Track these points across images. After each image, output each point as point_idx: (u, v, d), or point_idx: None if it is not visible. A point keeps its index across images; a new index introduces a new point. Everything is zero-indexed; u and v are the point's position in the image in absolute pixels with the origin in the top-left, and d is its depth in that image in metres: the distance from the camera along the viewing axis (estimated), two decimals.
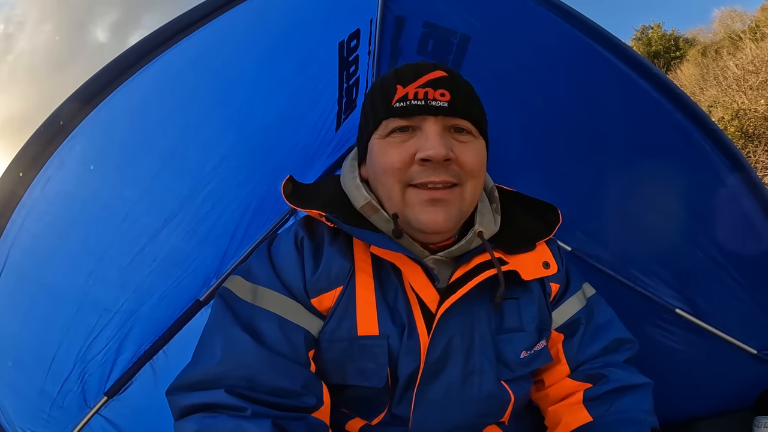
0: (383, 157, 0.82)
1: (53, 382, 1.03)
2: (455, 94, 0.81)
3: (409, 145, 0.80)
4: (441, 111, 0.79)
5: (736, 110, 8.09)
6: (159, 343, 1.27)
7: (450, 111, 0.80)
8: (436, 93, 0.79)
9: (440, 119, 0.80)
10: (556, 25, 1.06)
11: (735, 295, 1.25)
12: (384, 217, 0.84)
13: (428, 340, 0.83)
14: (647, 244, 1.37)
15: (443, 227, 0.81)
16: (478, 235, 0.87)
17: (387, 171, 0.82)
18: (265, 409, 0.73)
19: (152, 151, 0.97)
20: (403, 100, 0.80)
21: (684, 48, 18.14)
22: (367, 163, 0.89)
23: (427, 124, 0.80)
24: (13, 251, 0.82)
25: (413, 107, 0.79)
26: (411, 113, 0.80)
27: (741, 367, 1.31)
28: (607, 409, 0.89)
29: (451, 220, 0.81)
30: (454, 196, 0.81)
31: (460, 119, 0.82)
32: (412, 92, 0.80)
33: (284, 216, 1.58)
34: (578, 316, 0.99)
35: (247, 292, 0.84)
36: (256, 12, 0.96)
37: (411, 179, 0.80)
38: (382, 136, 0.83)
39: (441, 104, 0.79)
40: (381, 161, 0.83)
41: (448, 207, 0.80)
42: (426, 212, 0.80)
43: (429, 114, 0.79)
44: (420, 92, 0.80)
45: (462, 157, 0.80)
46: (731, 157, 1.07)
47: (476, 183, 0.84)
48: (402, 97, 0.80)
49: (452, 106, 0.80)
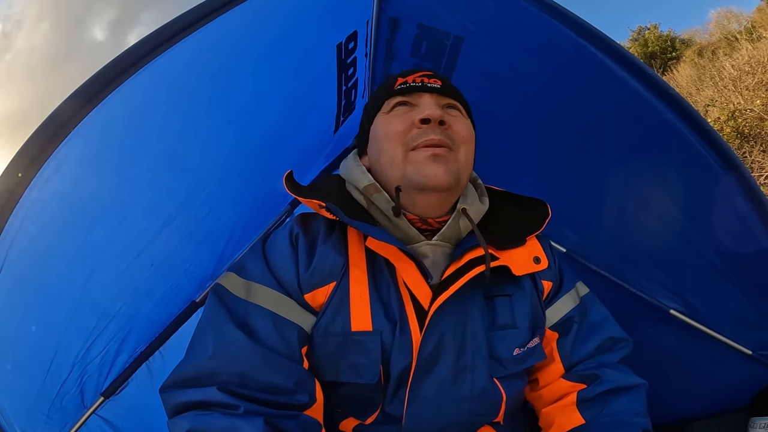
0: (387, 126, 0.92)
1: (52, 384, 1.03)
2: (445, 82, 0.96)
3: (410, 115, 0.90)
4: (435, 90, 0.93)
5: (732, 111, 8.11)
6: (155, 344, 1.27)
7: (442, 91, 0.94)
8: (431, 80, 0.95)
9: (434, 96, 0.93)
10: (549, 26, 1.06)
11: (729, 296, 1.25)
12: (385, 196, 0.89)
13: (420, 337, 0.84)
14: (641, 245, 1.37)
15: (444, 180, 0.85)
16: (463, 213, 0.91)
17: (390, 136, 0.90)
18: (257, 407, 0.73)
19: (150, 153, 0.96)
20: (404, 84, 0.94)
21: (680, 49, 18.18)
22: (370, 143, 0.97)
23: (424, 98, 0.93)
24: (11, 252, 0.81)
25: (412, 87, 0.93)
26: (410, 91, 0.93)
27: (736, 368, 1.31)
28: (600, 411, 0.90)
29: (451, 174, 0.86)
30: (452, 156, 0.88)
31: (451, 99, 0.95)
32: (411, 79, 0.95)
33: (281, 217, 1.59)
34: (572, 314, 1.00)
35: (240, 289, 0.85)
36: (254, 14, 0.96)
37: (412, 141, 0.88)
38: (385, 112, 0.94)
39: (435, 86, 0.94)
40: (384, 130, 0.92)
41: (447, 163, 0.86)
42: (429, 166, 0.85)
43: (425, 92, 0.93)
44: (418, 79, 0.94)
45: (454, 126, 0.90)
46: (725, 158, 1.07)
47: (468, 150, 0.92)
48: (402, 82, 0.95)
49: (444, 89, 0.95)
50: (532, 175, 1.47)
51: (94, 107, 0.79)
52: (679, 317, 1.36)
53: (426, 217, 0.91)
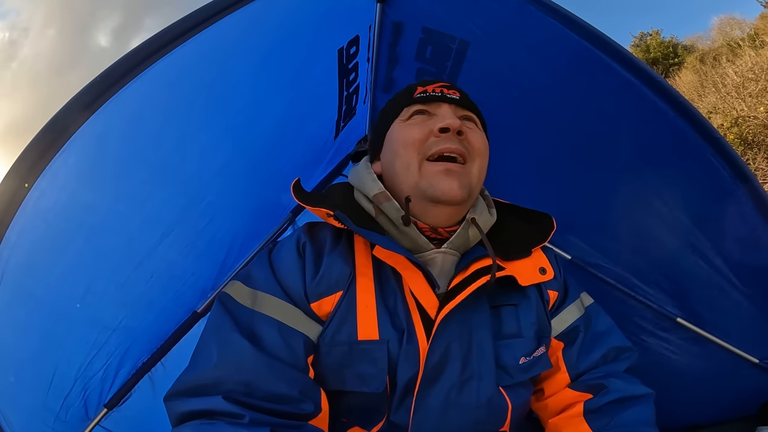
0: (404, 133, 0.92)
1: (55, 398, 1.02)
2: (463, 95, 0.97)
3: (428, 124, 0.90)
4: (454, 101, 0.94)
5: (735, 117, 8.11)
6: (157, 356, 1.26)
7: (461, 103, 0.95)
8: (450, 91, 0.95)
9: (453, 107, 0.94)
10: (556, 30, 1.06)
11: (736, 305, 1.24)
12: (395, 205, 0.89)
13: (427, 346, 0.83)
14: (648, 253, 1.36)
15: (458, 194, 0.86)
16: (472, 222, 0.91)
17: (408, 144, 0.90)
18: (263, 417, 0.72)
19: (147, 162, 0.95)
20: (423, 93, 0.95)
21: (682, 55, 18.21)
22: (384, 150, 0.97)
23: (443, 108, 0.93)
24: (9, 264, 0.81)
25: (432, 96, 0.94)
26: (430, 100, 0.94)
27: (743, 377, 1.29)
28: (608, 422, 0.88)
29: (464, 189, 0.86)
30: (465, 171, 0.88)
31: (468, 111, 0.96)
32: (431, 89, 0.95)
33: (282, 225, 1.58)
34: (577, 323, 0.99)
35: (246, 297, 0.84)
36: (252, 18, 0.95)
37: (428, 150, 0.88)
38: (403, 120, 0.94)
39: (453, 97, 0.94)
40: (402, 137, 0.92)
41: (461, 177, 0.87)
42: (442, 181, 0.86)
43: (444, 102, 0.94)
44: (437, 89, 0.95)
45: (470, 137, 0.91)
46: (733, 166, 1.07)
47: (481, 164, 0.92)
48: (422, 91, 0.95)
49: (462, 101, 0.95)
50: (538, 181, 1.46)
51: (88, 117, 0.78)
52: (685, 325, 1.34)
53: (437, 227, 0.90)
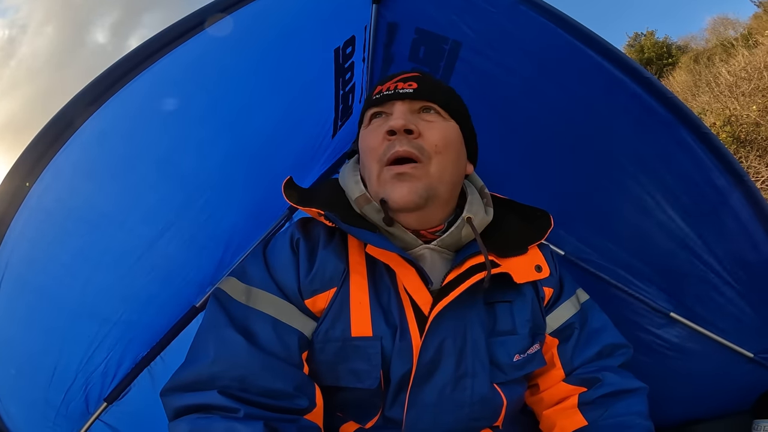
0: (365, 141, 0.91)
1: (56, 392, 1.03)
2: (422, 84, 0.90)
3: (382, 127, 0.88)
4: (407, 96, 0.89)
5: (727, 116, 8.16)
6: (156, 350, 1.27)
7: (415, 95, 0.89)
8: (405, 84, 0.90)
9: (407, 102, 0.89)
10: (548, 30, 1.07)
11: (730, 300, 1.25)
12: (375, 207, 0.88)
13: (420, 342, 0.83)
14: (640, 250, 1.37)
15: (408, 200, 0.83)
16: (468, 222, 0.90)
17: (367, 152, 0.89)
18: (257, 411, 0.73)
19: (147, 159, 0.96)
20: (379, 94, 0.91)
21: (676, 55, 18.29)
22: None
23: (396, 106, 0.89)
24: (12, 259, 0.82)
25: (384, 96, 0.90)
26: (382, 101, 0.90)
27: (738, 371, 1.30)
28: (602, 413, 0.89)
29: (416, 192, 0.83)
30: (419, 171, 0.84)
31: (427, 101, 0.90)
32: (386, 87, 0.91)
33: (279, 221, 1.59)
34: (572, 320, 1.00)
35: (241, 293, 0.85)
36: (252, 19, 0.96)
37: (383, 156, 0.86)
38: (365, 126, 0.94)
39: (407, 91, 0.89)
40: (364, 145, 0.91)
41: (412, 181, 0.83)
42: (395, 188, 0.84)
43: (396, 99, 0.89)
44: (392, 86, 0.90)
45: (426, 133, 0.86)
46: (725, 163, 1.07)
47: (443, 159, 0.87)
48: (378, 91, 0.92)
49: (417, 92, 0.89)
50: (530, 179, 1.47)
51: (91, 114, 0.79)
52: (679, 320, 1.36)
53: (417, 229, 0.90)
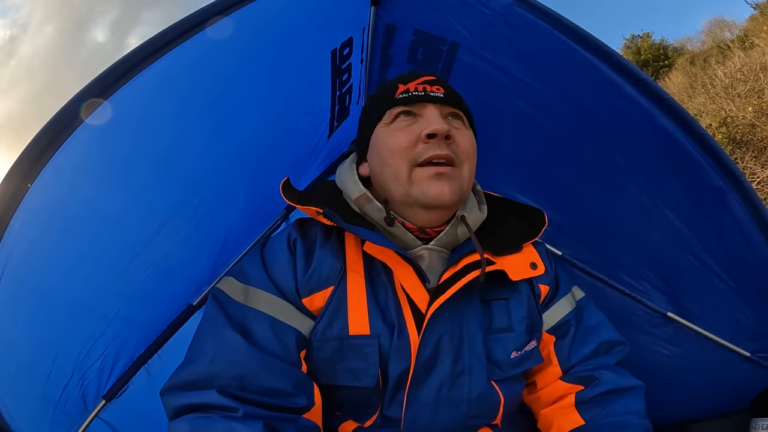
0: (391, 139, 0.89)
1: (54, 388, 1.04)
2: (448, 89, 0.92)
3: (414, 128, 0.88)
4: (438, 100, 0.89)
5: (723, 117, 8.19)
6: (153, 348, 1.28)
7: (446, 100, 0.90)
8: (433, 87, 0.90)
9: (438, 106, 0.90)
10: (545, 32, 1.08)
11: (726, 299, 1.26)
12: (377, 206, 0.89)
13: (418, 340, 0.84)
14: (637, 249, 1.38)
15: (449, 199, 0.85)
16: (462, 220, 0.91)
17: (395, 151, 0.87)
18: (256, 410, 0.73)
19: (145, 158, 0.97)
20: (405, 93, 0.90)
21: (673, 57, 18.34)
22: (370, 154, 0.95)
23: (428, 109, 0.89)
24: (11, 257, 0.83)
25: (414, 96, 0.89)
26: (413, 101, 0.89)
27: (735, 370, 1.31)
28: (599, 412, 0.90)
29: (455, 193, 0.85)
30: (455, 173, 0.87)
31: (454, 108, 0.92)
32: (413, 87, 0.91)
33: (276, 221, 1.60)
34: (568, 317, 1.00)
35: (239, 293, 0.86)
36: (252, 21, 0.97)
37: (418, 157, 0.85)
38: (387, 123, 0.91)
39: (438, 95, 0.90)
40: (389, 143, 0.89)
41: (452, 181, 0.86)
42: (433, 185, 0.84)
43: (429, 102, 0.89)
44: (419, 87, 0.90)
45: (459, 139, 0.89)
46: (721, 164, 1.08)
47: (471, 165, 0.90)
48: (404, 91, 0.91)
49: (447, 97, 0.90)
50: (527, 180, 1.48)
51: (91, 113, 0.80)
52: (676, 320, 1.36)
53: (425, 227, 0.91)
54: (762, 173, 6.72)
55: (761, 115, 7.58)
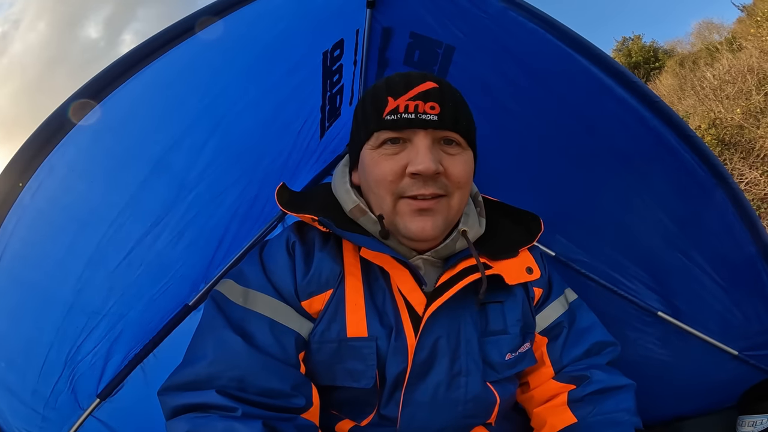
0: (375, 168, 0.84)
1: (45, 383, 1.05)
2: (444, 106, 0.82)
3: (400, 158, 0.82)
4: (431, 124, 0.81)
5: (712, 119, 8.25)
6: (149, 347, 1.28)
7: (439, 124, 0.81)
8: (426, 106, 0.81)
9: (430, 132, 0.82)
10: (537, 35, 1.09)
11: (715, 298, 1.28)
12: (371, 219, 0.88)
13: (415, 342, 0.85)
14: (628, 249, 1.40)
15: (430, 235, 0.84)
16: (463, 234, 0.90)
17: (379, 182, 0.84)
18: (255, 410, 0.74)
19: (139, 158, 0.98)
20: (394, 113, 0.81)
21: (663, 59, 18.46)
22: (359, 170, 0.91)
23: (418, 137, 0.81)
24: (5, 254, 0.84)
25: (404, 120, 0.81)
26: (402, 126, 0.81)
27: (723, 368, 1.34)
28: (591, 410, 0.91)
29: (437, 228, 0.84)
30: (441, 206, 0.84)
31: (449, 132, 0.83)
32: (403, 105, 0.81)
33: (272, 223, 1.60)
34: (561, 319, 1.02)
35: (238, 295, 0.86)
36: (245, 23, 0.98)
37: (402, 191, 0.83)
38: (373, 147, 0.85)
39: (430, 117, 0.80)
40: (374, 172, 0.84)
41: (435, 216, 0.84)
42: (415, 221, 0.83)
43: (419, 127, 0.81)
44: (411, 105, 0.81)
45: (450, 169, 0.83)
46: (710, 165, 1.10)
47: (463, 193, 0.87)
48: (393, 109, 0.82)
49: (441, 119, 0.81)
50: (521, 181, 1.49)
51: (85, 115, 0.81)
52: (666, 319, 1.38)
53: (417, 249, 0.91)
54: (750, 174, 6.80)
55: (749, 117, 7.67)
